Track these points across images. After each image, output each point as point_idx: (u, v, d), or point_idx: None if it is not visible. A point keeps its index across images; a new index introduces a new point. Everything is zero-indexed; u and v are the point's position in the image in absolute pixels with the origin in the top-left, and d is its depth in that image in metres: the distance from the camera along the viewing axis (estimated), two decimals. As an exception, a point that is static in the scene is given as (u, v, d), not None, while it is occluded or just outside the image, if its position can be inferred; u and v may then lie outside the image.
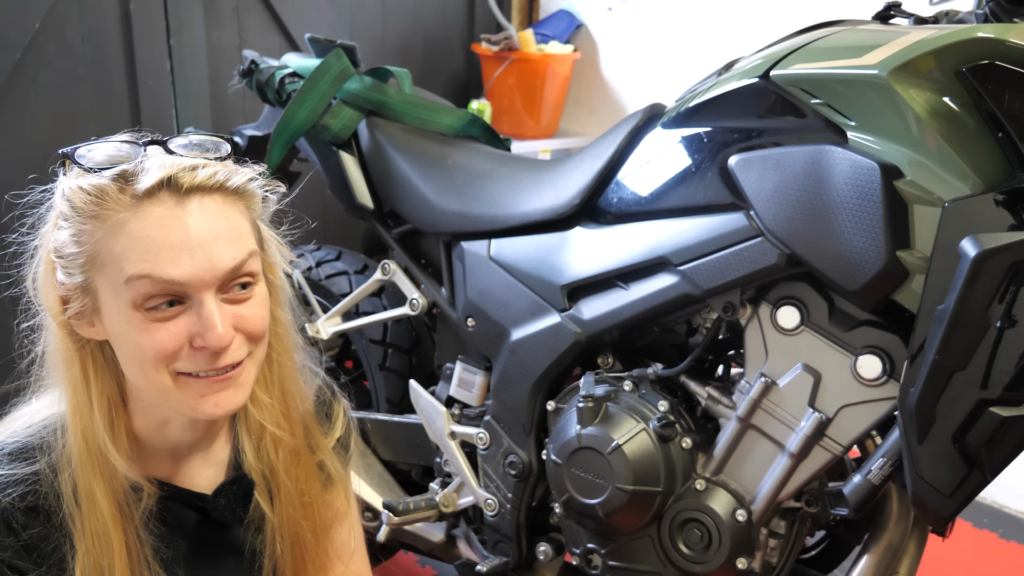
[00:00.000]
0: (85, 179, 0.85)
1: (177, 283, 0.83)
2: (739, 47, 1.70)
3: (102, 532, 0.89)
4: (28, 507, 0.89)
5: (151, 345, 0.84)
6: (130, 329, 0.85)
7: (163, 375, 0.86)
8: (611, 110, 3.16)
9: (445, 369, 1.56)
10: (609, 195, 1.33)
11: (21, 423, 0.95)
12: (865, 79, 1.04)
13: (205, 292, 0.85)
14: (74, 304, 0.87)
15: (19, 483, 0.89)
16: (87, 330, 0.89)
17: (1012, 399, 0.97)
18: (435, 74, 3.20)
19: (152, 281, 0.82)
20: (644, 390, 1.30)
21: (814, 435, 1.16)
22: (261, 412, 1.00)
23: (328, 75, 1.55)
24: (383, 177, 1.58)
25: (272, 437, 1.01)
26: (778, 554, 1.26)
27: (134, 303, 0.83)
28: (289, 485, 1.03)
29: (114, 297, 0.84)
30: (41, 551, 0.89)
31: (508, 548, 1.48)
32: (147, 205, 0.83)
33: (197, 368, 0.87)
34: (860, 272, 1.05)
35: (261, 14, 2.66)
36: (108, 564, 0.89)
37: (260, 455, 1.01)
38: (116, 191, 0.84)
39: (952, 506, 1.02)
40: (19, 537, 0.89)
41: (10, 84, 2.18)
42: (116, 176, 0.84)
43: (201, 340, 0.85)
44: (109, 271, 0.84)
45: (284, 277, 1.01)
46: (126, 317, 0.84)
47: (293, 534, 1.04)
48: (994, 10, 1.07)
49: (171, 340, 0.85)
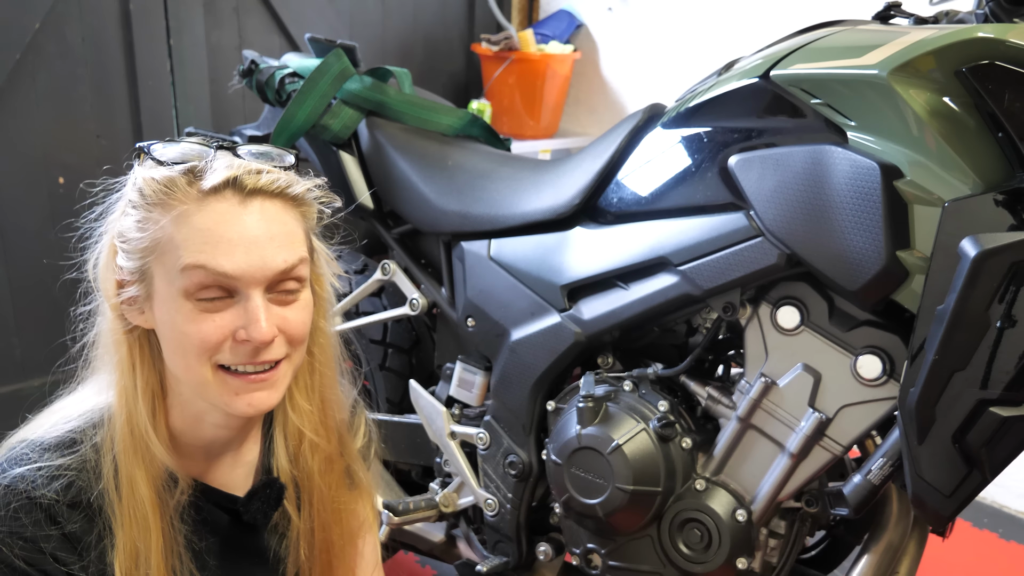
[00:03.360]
0: (158, 171, 0.90)
1: (229, 276, 0.87)
2: (739, 47, 1.70)
3: (140, 517, 0.91)
4: (72, 498, 0.91)
5: (196, 335, 0.88)
6: (179, 317, 0.88)
7: (204, 367, 0.90)
8: (611, 110, 3.16)
9: (445, 369, 1.56)
10: (609, 195, 1.33)
11: (60, 416, 0.97)
12: (865, 79, 1.04)
13: (254, 288, 0.89)
14: (129, 289, 0.91)
15: (62, 475, 0.91)
16: (137, 317, 0.92)
17: (1012, 399, 0.97)
18: (435, 74, 3.20)
19: (206, 272, 0.86)
20: (644, 390, 1.30)
21: (814, 435, 1.16)
22: (301, 419, 1.03)
23: (328, 75, 1.55)
24: (383, 177, 1.58)
25: (311, 444, 1.04)
26: (778, 554, 1.26)
27: (186, 292, 0.87)
28: (324, 491, 1.06)
29: (168, 284, 0.88)
30: (85, 542, 0.91)
31: (508, 548, 1.48)
32: (212, 201, 0.88)
33: (238, 361, 0.90)
34: (860, 272, 1.05)
35: (261, 14, 2.66)
36: (144, 549, 0.91)
37: (297, 461, 1.04)
38: (185, 184, 0.88)
39: (952, 506, 1.02)
40: (63, 528, 0.90)
41: (10, 84, 2.18)
42: (186, 171, 0.89)
43: (245, 333, 0.88)
44: (167, 258, 0.88)
45: (331, 290, 1.04)
46: (176, 305, 0.88)
47: (323, 540, 1.07)
48: (994, 10, 1.07)
49: (216, 331, 0.88)
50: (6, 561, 0.87)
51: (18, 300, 2.31)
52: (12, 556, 0.87)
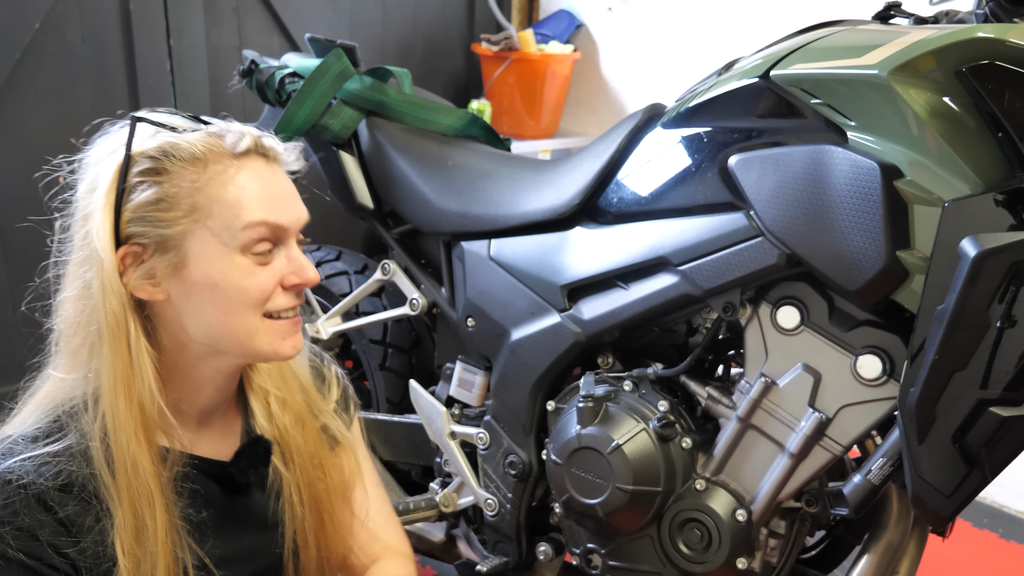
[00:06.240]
0: (183, 137, 0.93)
1: (283, 228, 0.95)
2: (739, 47, 1.70)
3: (144, 493, 0.92)
4: (62, 484, 0.92)
5: (256, 286, 0.94)
6: (236, 274, 0.93)
7: (256, 317, 0.95)
8: (611, 110, 3.16)
9: (445, 369, 1.56)
10: (609, 195, 1.33)
11: (41, 406, 0.98)
12: (865, 79, 1.04)
13: (291, 239, 0.98)
14: (148, 262, 0.92)
15: (49, 462, 0.92)
16: (148, 291, 0.93)
17: (1012, 399, 0.97)
18: (435, 74, 3.20)
19: (267, 226, 0.93)
20: (644, 390, 1.30)
21: (814, 435, 1.16)
22: (262, 377, 1.09)
23: (328, 75, 1.55)
24: (383, 177, 1.58)
25: (277, 400, 1.10)
26: (778, 554, 1.26)
27: (244, 247, 0.93)
28: (302, 446, 1.10)
29: (220, 244, 0.92)
30: (80, 526, 0.92)
31: (508, 548, 1.48)
32: (246, 161, 0.94)
33: (287, 305, 0.97)
34: (860, 272, 1.05)
35: (261, 14, 2.66)
36: (152, 524, 0.93)
37: (272, 419, 1.08)
38: (220, 146, 0.93)
39: (952, 506, 1.02)
40: (57, 514, 0.91)
41: (10, 84, 2.18)
42: (213, 135, 0.94)
43: (296, 277, 0.97)
44: (217, 219, 0.92)
45: None
46: (232, 263, 0.93)
47: (312, 496, 1.10)
48: (994, 10, 1.07)
49: (271, 280, 0.95)
50: (2, 553, 0.88)
51: (18, 300, 2.31)
52: (7, 547, 0.88)
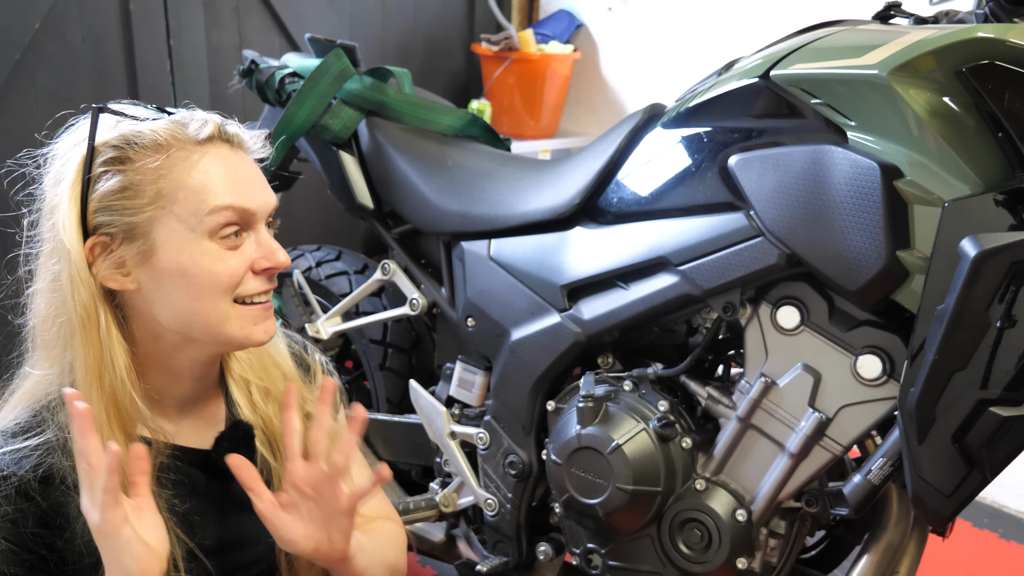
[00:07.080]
0: (146, 125, 0.93)
1: (251, 212, 0.95)
2: (739, 47, 1.69)
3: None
4: (43, 476, 0.93)
5: (226, 271, 0.94)
6: (205, 259, 0.92)
7: (226, 303, 0.95)
8: (611, 110, 3.16)
9: (445, 369, 1.56)
10: (609, 195, 1.33)
11: (21, 402, 0.98)
12: (865, 79, 1.04)
13: (260, 223, 0.97)
14: (116, 251, 0.92)
15: (30, 455, 0.93)
16: (118, 280, 0.93)
17: (1012, 399, 0.97)
18: (435, 74, 3.20)
19: (234, 211, 0.93)
20: (644, 390, 1.30)
21: (814, 435, 1.16)
22: (242, 367, 1.08)
23: (328, 75, 1.55)
24: (383, 177, 1.58)
25: (259, 389, 1.09)
26: (778, 554, 1.26)
27: (211, 232, 0.92)
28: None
29: (187, 229, 0.92)
30: (65, 516, 0.93)
31: (508, 548, 1.48)
32: (210, 147, 0.94)
33: (258, 289, 0.97)
34: (860, 272, 1.05)
35: (261, 14, 2.66)
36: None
37: (255, 408, 1.08)
38: (183, 133, 0.93)
39: (952, 506, 1.02)
40: (39, 505, 0.92)
41: (10, 84, 2.18)
42: (175, 123, 0.94)
43: (267, 262, 0.96)
44: (183, 205, 0.91)
45: None
46: (201, 248, 0.92)
47: None
48: (994, 10, 1.07)
49: (241, 265, 0.95)
50: None
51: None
52: None
